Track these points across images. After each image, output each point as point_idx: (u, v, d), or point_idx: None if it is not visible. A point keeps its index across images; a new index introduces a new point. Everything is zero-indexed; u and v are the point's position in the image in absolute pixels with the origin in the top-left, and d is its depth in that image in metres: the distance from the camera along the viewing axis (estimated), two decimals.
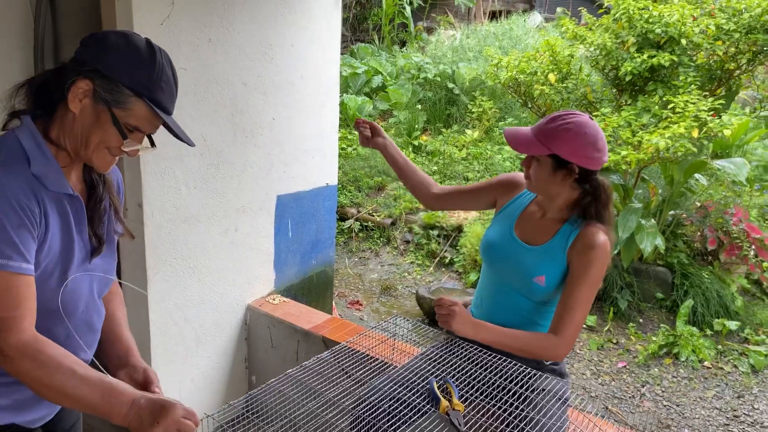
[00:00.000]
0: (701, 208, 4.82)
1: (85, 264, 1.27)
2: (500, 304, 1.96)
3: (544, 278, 1.83)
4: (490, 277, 1.99)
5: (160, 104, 1.20)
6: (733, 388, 3.80)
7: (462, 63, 8.22)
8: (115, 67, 1.17)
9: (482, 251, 2.01)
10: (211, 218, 2.57)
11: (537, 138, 1.78)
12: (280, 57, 2.70)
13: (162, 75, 1.20)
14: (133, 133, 1.21)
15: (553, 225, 1.87)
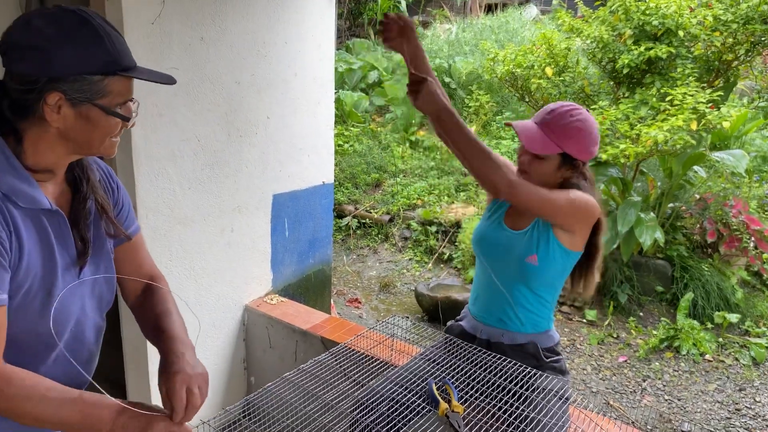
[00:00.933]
0: (700, 201, 4.80)
1: (72, 277, 1.18)
2: (497, 296, 1.94)
3: (536, 257, 1.82)
4: (485, 271, 1.98)
5: (129, 66, 1.11)
6: (735, 381, 3.79)
7: (458, 57, 8.18)
8: (68, 64, 1.05)
9: (474, 245, 1.99)
10: (207, 219, 2.54)
11: (549, 136, 1.74)
12: (273, 54, 2.66)
13: (112, 39, 1.08)
14: (125, 105, 1.13)
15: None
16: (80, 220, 1.20)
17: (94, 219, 1.23)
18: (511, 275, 1.88)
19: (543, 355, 1.91)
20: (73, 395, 1.07)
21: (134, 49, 2.13)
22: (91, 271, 1.22)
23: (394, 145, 6.95)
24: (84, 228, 1.20)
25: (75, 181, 1.22)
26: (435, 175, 6.40)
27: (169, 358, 1.23)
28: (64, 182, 1.21)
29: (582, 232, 1.84)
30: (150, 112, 2.21)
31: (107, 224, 1.25)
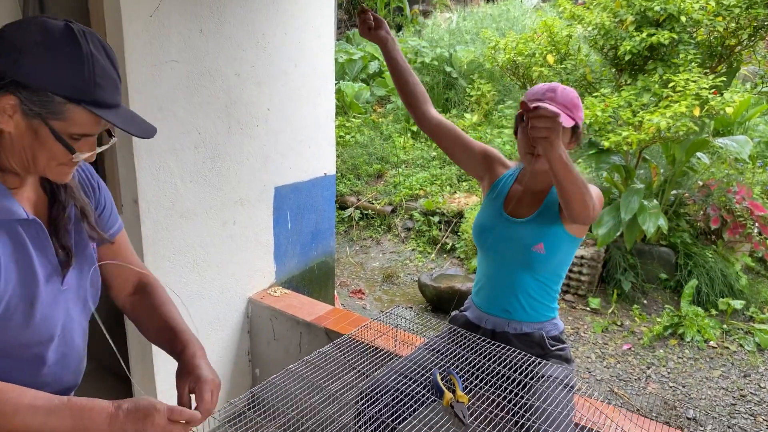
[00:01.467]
0: (704, 187, 4.78)
1: (55, 285, 1.14)
2: (502, 286, 1.94)
3: (542, 245, 1.82)
4: (489, 261, 1.97)
5: (103, 104, 1.03)
6: (739, 367, 3.78)
7: (459, 46, 8.14)
8: (37, 74, 0.98)
9: (475, 236, 1.99)
10: (209, 212, 2.54)
11: (564, 106, 1.72)
12: (273, 46, 2.65)
13: (95, 69, 1.01)
14: (80, 141, 1.05)
15: (539, 195, 1.89)
16: (60, 228, 1.15)
17: (75, 223, 1.19)
18: (515, 264, 1.88)
19: (548, 343, 1.91)
20: (64, 402, 1.03)
21: (133, 43, 2.13)
22: (75, 277, 1.19)
23: (395, 136, 6.93)
24: (64, 236, 1.16)
25: (52, 188, 1.17)
26: (437, 165, 6.39)
27: (187, 361, 1.23)
28: (40, 188, 1.16)
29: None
30: (150, 106, 2.20)
31: (89, 228, 1.21)
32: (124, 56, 2.08)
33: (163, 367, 2.49)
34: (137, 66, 2.13)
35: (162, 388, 2.50)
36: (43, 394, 1.04)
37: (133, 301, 1.38)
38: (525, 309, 1.91)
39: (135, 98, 2.15)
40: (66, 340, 1.19)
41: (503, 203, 1.93)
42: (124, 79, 2.11)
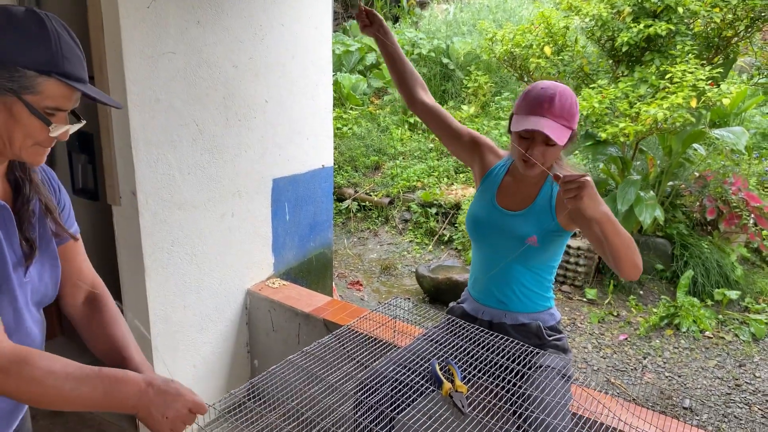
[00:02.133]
0: (700, 178, 4.80)
1: (19, 276, 1.15)
2: (496, 278, 1.95)
3: (536, 238, 1.83)
4: (483, 253, 1.98)
5: (72, 75, 1.07)
6: (735, 357, 3.81)
7: (456, 37, 8.13)
8: (6, 51, 1.01)
9: (469, 228, 2.00)
10: (207, 204, 2.54)
11: (562, 124, 1.71)
12: (270, 37, 2.65)
13: (61, 44, 1.05)
14: (55, 115, 1.08)
15: (532, 188, 1.89)
16: (24, 221, 1.17)
17: (39, 218, 1.20)
18: (509, 256, 1.89)
19: (545, 333, 1.93)
20: (95, 370, 1.07)
21: (130, 34, 2.13)
22: (37, 271, 1.19)
23: (392, 128, 6.93)
24: (28, 228, 1.17)
25: (17, 181, 1.18)
26: (434, 156, 6.39)
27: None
28: (5, 180, 1.18)
29: None
30: (148, 97, 2.20)
31: (52, 223, 1.22)
32: (121, 48, 2.08)
33: (163, 358, 2.50)
34: (134, 57, 2.13)
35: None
36: (72, 362, 1.07)
37: (83, 312, 1.35)
38: (520, 299, 1.92)
39: (132, 90, 2.14)
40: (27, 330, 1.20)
41: (496, 195, 1.94)
42: (121, 71, 2.11)
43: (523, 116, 1.74)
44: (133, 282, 2.40)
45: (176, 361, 2.57)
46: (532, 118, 1.71)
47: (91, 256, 2.94)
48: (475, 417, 1.40)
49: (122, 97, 2.13)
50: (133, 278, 2.40)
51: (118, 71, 2.12)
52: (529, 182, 1.90)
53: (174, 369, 2.57)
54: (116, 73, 2.12)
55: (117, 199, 2.32)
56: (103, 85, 2.18)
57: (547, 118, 1.70)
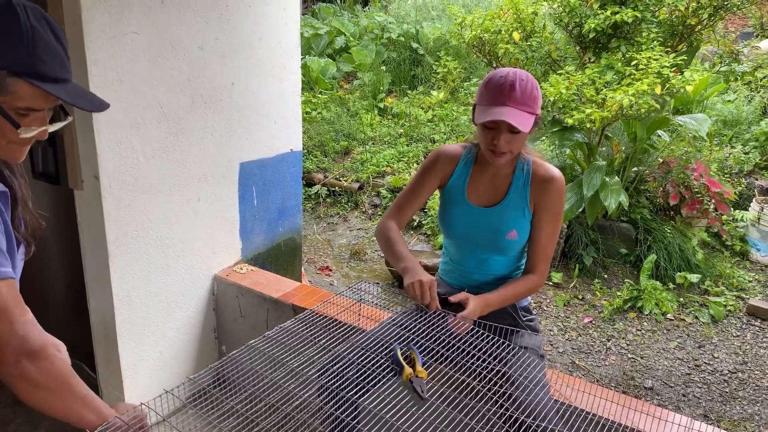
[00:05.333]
0: (663, 164, 4.89)
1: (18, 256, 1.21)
2: (473, 269, 1.98)
3: (515, 232, 1.86)
4: (458, 248, 1.99)
5: (46, 76, 1.02)
6: (695, 338, 3.92)
7: (426, 22, 8.11)
8: None
9: (445, 229, 2.00)
10: (172, 188, 2.50)
11: (526, 111, 1.72)
12: (237, 18, 2.60)
13: (36, 42, 1.00)
14: (27, 116, 1.04)
15: (504, 180, 1.91)
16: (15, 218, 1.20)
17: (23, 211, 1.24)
18: (487, 250, 1.91)
19: (520, 314, 1.96)
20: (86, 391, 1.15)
21: (91, 14, 2.07)
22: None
23: (362, 113, 6.90)
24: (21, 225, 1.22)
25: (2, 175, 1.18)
26: (404, 142, 6.39)
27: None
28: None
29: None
30: (110, 79, 2.15)
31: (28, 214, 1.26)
32: (82, 28, 2.02)
33: (128, 344, 2.47)
34: (96, 38, 2.07)
35: (126, 366, 2.48)
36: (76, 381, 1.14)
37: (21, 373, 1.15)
38: (496, 286, 1.94)
39: (94, 71, 2.09)
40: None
41: (465, 191, 1.93)
42: (82, 51, 2.05)
43: (485, 106, 1.74)
44: (97, 268, 2.36)
45: (142, 347, 2.54)
46: (495, 108, 1.71)
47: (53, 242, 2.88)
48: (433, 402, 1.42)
49: (84, 78, 2.08)
50: (97, 264, 2.36)
51: (79, 51, 2.06)
52: (499, 174, 1.91)
53: (140, 355, 2.54)
54: (77, 53, 2.06)
55: (79, 183, 2.27)
56: None
57: (509, 107, 1.71)
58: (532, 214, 1.89)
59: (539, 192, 1.86)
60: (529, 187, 1.87)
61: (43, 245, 2.96)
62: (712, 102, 5.97)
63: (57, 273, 2.95)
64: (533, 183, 1.86)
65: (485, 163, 1.91)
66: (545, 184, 1.85)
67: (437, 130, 6.46)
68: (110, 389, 2.54)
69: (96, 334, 2.49)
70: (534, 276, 1.91)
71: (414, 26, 8.06)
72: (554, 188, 1.85)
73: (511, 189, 1.88)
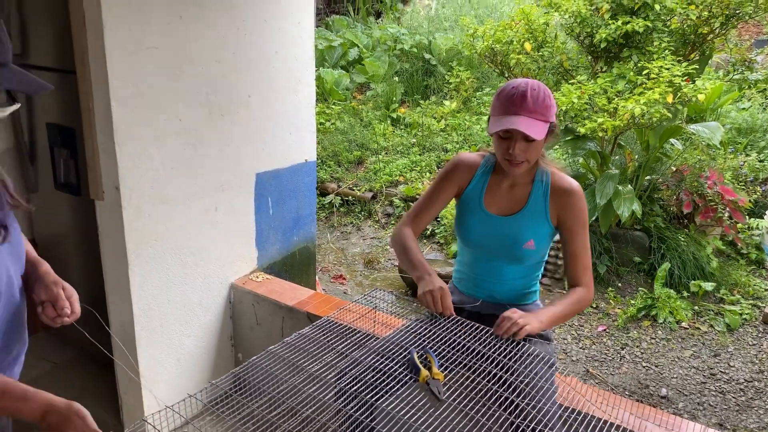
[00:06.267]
0: (677, 173, 4.89)
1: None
2: (488, 278, 1.99)
3: (533, 242, 1.88)
4: (473, 257, 2.01)
5: None
6: (710, 347, 3.91)
7: (438, 33, 8.16)
8: None
9: (461, 237, 2.02)
10: (191, 198, 2.55)
11: (540, 119, 1.75)
12: (253, 33, 2.66)
13: None
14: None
15: (522, 189, 1.92)
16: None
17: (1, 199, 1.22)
18: (503, 259, 1.93)
19: None
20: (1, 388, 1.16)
21: (113, 30, 2.14)
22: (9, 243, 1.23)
23: (375, 123, 6.95)
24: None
25: None
26: (417, 151, 6.43)
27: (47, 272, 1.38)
28: None
29: None
30: (130, 92, 2.21)
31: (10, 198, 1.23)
32: (104, 43, 2.09)
33: (147, 351, 2.52)
34: (117, 53, 2.14)
35: (145, 372, 2.53)
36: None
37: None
38: (510, 295, 1.97)
39: (115, 84, 2.15)
40: (8, 298, 1.25)
41: (483, 200, 1.96)
42: (104, 65, 2.12)
43: (499, 117, 1.78)
44: (117, 276, 2.42)
45: (160, 354, 2.59)
46: (508, 118, 1.75)
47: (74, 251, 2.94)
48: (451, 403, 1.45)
49: (105, 91, 2.14)
50: (117, 273, 2.41)
51: (100, 66, 2.12)
52: (517, 183, 1.93)
53: (158, 363, 2.59)
54: (99, 68, 2.13)
55: (100, 193, 2.33)
56: (86, 79, 2.19)
57: (522, 116, 1.74)
58: (554, 227, 1.91)
59: (561, 206, 1.87)
60: (548, 198, 1.88)
61: (64, 254, 3.04)
62: (727, 110, 5.96)
63: (78, 282, 3.00)
64: (553, 194, 1.88)
65: (503, 172, 1.94)
66: (566, 198, 1.86)
67: (450, 140, 6.49)
68: (129, 396, 2.59)
69: (115, 342, 2.55)
70: (580, 288, 1.89)
71: (427, 37, 8.12)
72: (576, 200, 1.86)
73: (530, 199, 1.90)
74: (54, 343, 3.22)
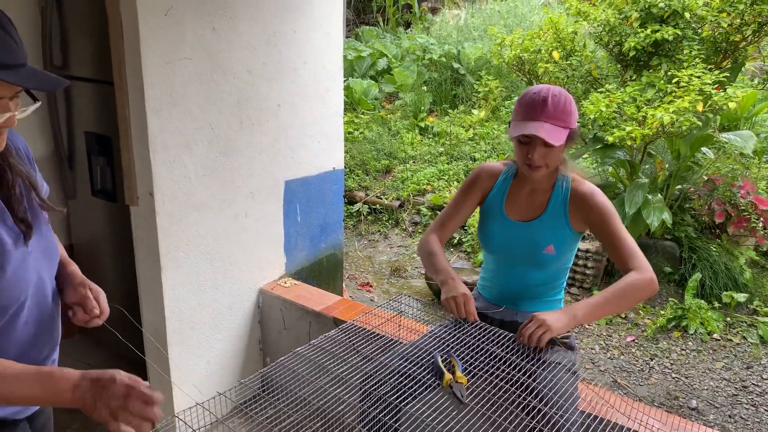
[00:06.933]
0: (708, 182, 4.82)
1: (22, 249, 1.20)
2: (511, 284, 2.01)
3: (552, 247, 1.89)
4: (497, 263, 2.03)
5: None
6: (742, 359, 3.83)
7: (467, 43, 8.19)
8: None
9: (483, 244, 2.05)
10: (221, 205, 2.62)
11: (560, 125, 1.77)
12: (283, 44, 2.73)
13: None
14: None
15: (542, 195, 1.94)
16: (14, 206, 1.19)
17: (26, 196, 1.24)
18: (525, 265, 1.94)
19: None
20: (31, 369, 1.10)
21: (149, 42, 2.22)
22: (37, 239, 1.24)
23: (403, 132, 7.00)
24: (20, 210, 1.20)
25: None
26: (444, 160, 6.45)
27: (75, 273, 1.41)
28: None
29: None
30: (165, 101, 2.29)
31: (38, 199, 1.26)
32: (140, 54, 2.17)
33: (177, 352, 2.58)
34: (152, 64, 2.22)
35: (176, 373, 2.59)
36: (14, 363, 1.10)
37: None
38: (534, 302, 1.98)
39: (150, 94, 2.23)
40: (39, 299, 1.26)
41: (504, 207, 1.98)
42: (140, 76, 2.20)
43: (519, 122, 1.81)
44: (150, 280, 2.49)
45: (190, 357, 2.65)
46: (528, 123, 1.77)
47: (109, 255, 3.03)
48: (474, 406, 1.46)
49: (141, 101, 2.22)
50: (150, 276, 2.48)
51: (137, 76, 2.21)
52: (537, 189, 1.95)
53: (189, 364, 2.65)
54: (135, 78, 2.21)
55: (135, 199, 2.41)
56: (123, 90, 2.27)
57: (542, 121, 1.76)
58: (576, 233, 1.91)
59: (585, 210, 1.87)
60: (568, 203, 1.90)
61: (100, 258, 3.13)
62: (762, 119, 5.85)
63: (112, 286, 3.10)
64: (572, 200, 1.89)
65: (524, 178, 1.96)
66: (587, 201, 1.86)
67: (478, 149, 6.50)
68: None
69: (148, 344, 2.62)
70: (636, 272, 1.76)
71: (455, 47, 8.15)
72: (597, 199, 1.86)
73: (549, 204, 1.92)
74: (89, 346, 3.32)
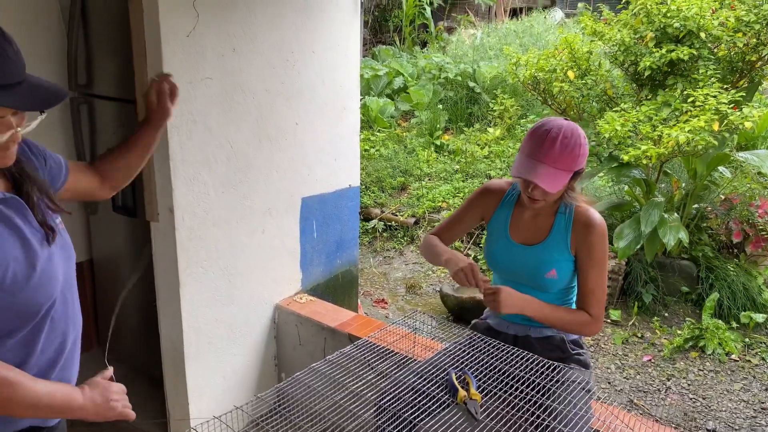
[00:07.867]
0: (726, 201, 4.79)
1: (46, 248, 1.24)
2: None
3: (554, 271, 1.90)
4: (503, 280, 2.05)
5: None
6: (761, 380, 3.79)
7: (483, 62, 8.25)
8: None
9: (488, 263, 2.08)
10: (239, 221, 2.66)
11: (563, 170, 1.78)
12: (301, 63, 2.79)
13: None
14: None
15: (546, 219, 1.95)
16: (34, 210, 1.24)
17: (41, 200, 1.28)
18: (529, 286, 1.96)
19: (568, 346, 1.99)
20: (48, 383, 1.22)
21: (171, 62, 2.28)
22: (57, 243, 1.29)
23: (419, 149, 7.04)
24: (39, 213, 1.25)
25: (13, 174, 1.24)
26: (460, 178, 6.48)
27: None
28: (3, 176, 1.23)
29: None
30: (185, 120, 2.34)
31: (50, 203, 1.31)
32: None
33: (194, 367, 2.61)
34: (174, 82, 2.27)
35: (192, 387, 2.62)
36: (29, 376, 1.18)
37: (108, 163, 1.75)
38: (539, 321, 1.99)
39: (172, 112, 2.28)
40: (66, 298, 1.31)
41: (509, 229, 2.00)
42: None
43: (523, 157, 1.81)
44: (169, 294, 2.53)
45: (207, 371, 2.68)
46: (531, 163, 1.78)
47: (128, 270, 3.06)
48: (488, 423, 1.48)
49: None
50: (169, 291, 2.52)
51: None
52: (541, 214, 1.96)
53: (205, 379, 2.68)
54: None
55: (155, 215, 2.46)
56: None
57: (544, 164, 1.77)
58: (574, 257, 1.93)
59: (580, 237, 1.89)
60: (570, 231, 1.90)
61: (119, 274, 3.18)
62: None
63: (131, 300, 3.15)
64: (575, 227, 1.90)
65: (527, 205, 1.98)
66: (585, 231, 1.88)
67: (493, 166, 6.52)
68: (177, 409, 2.69)
69: (165, 358, 2.65)
70: (587, 314, 1.90)
71: (471, 66, 8.21)
72: (595, 233, 1.87)
73: (552, 230, 1.93)
74: (108, 360, 3.35)
